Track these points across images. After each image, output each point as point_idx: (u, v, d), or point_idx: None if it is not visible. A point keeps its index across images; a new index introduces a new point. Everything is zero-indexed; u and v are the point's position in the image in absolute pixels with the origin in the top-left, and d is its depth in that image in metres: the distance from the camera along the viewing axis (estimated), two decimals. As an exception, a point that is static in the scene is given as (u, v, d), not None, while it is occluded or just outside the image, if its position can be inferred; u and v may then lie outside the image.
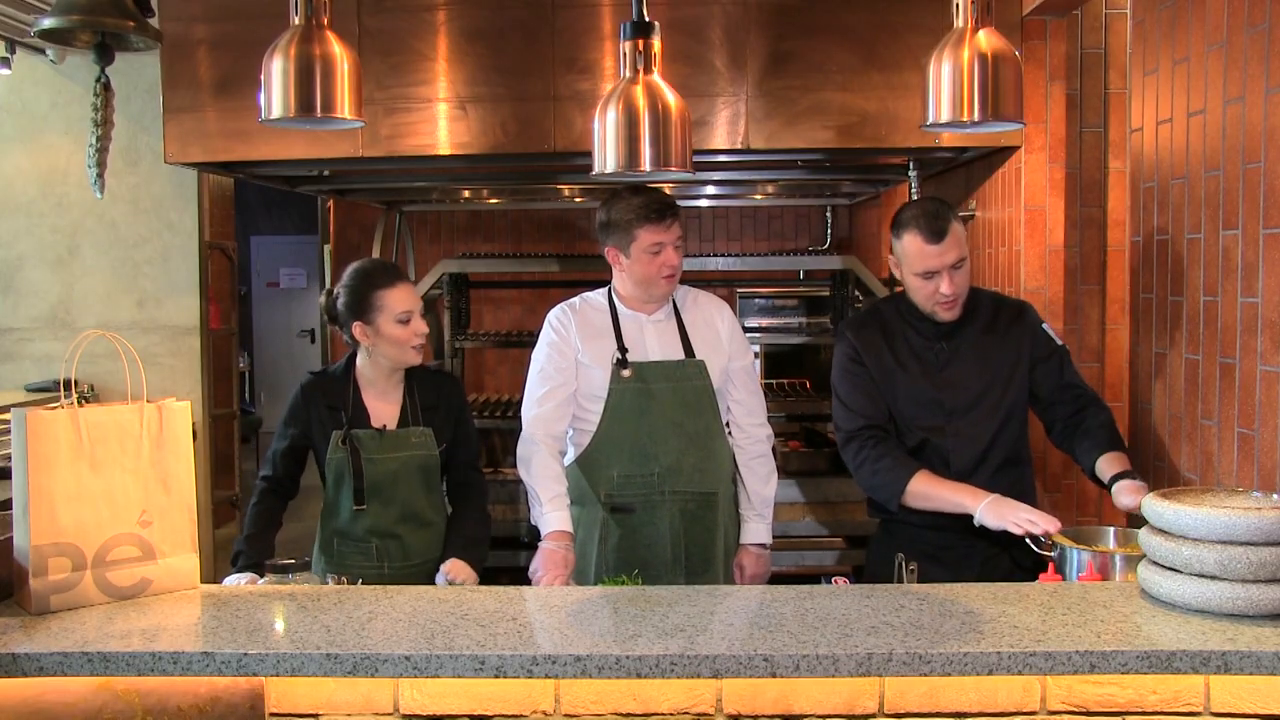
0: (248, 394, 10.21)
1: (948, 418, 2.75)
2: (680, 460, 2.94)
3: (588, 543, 2.97)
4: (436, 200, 5.83)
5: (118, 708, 1.90)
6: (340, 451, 2.78)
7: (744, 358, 3.09)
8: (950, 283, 2.67)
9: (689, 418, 2.96)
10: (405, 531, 2.82)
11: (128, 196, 4.91)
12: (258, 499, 2.85)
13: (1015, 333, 2.79)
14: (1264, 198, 2.41)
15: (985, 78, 2.25)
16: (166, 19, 3.69)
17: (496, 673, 1.81)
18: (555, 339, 2.99)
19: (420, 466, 2.83)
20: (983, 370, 2.76)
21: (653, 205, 2.88)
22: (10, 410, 2.16)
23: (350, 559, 2.80)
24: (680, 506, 2.95)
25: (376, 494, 2.79)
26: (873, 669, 1.80)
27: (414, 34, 3.67)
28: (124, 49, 3.10)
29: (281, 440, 2.86)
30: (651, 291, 2.97)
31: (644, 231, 2.88)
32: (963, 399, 2.75)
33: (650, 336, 2.99)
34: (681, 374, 2.96)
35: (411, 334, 2.78)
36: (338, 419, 2.80)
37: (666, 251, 2.90)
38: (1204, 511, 1.95)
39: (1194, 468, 2.77)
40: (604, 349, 2.96)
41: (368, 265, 2.88)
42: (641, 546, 2.95)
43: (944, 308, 2.72)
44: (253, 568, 2.62)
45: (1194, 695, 1.89)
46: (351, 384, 2.85)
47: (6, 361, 5.03)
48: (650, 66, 2.44)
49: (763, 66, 3.63)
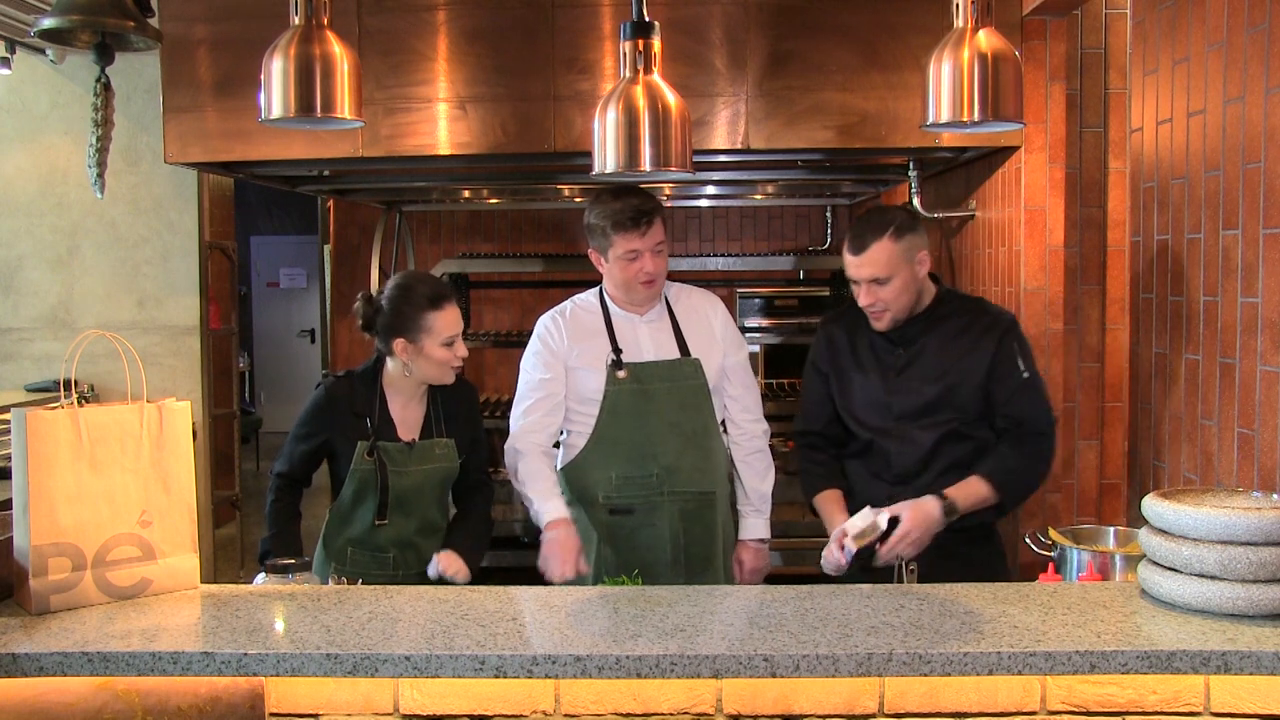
0: (248, 394, 10.22)
1: (894, 421, 2.75)
2: (679, 460, 2.93)
3: (586, 545, 2.95)
4: (436, 200, 5.83)
5: (118, 708, 1.90)
6: (367, 464, 2.74)
7: (739, 353, 3.08)
8: (868, 294, 2.69)
9: (686, 417, 2.95)
10: (421, 540, 2.81)
11: (128, 196, 4.91)
12: (275, 495, 2.81)
13: (983, 344, 2.72)
14: (1264, 198, 2.41)
15: (985, 78, 2.25)
16: (166, 19, 3.68)
17: (496, 673, 1.81)
18: (541, 348, 2.97)
19: (443, 479, 2.83)
20: (937, 379, 2.73)
21: (627, 212, 2.84)
22: (10, 410, 2.16)
23: (365, 567, 2.77)
24: (680, 507, 2.94)
25: (399, 507, 2.77)
26: (873, 669, 1.80)
27: (414, 34, 3.67)
28: (124, 49, 3.10)
29: (302, 441, 2.80)
30: (631, 296, 2.96)
31: (619, 238, 2.86)
32: (911, 405, 2.74)
33: (644, 336, 2.98)
34: (678, 373, 2.95)
35: (454, 356, 2.76)
36: (362, 428, 2.76)
37: (643, 258, 2.87)
38: (1204, 511, 1.95)
39: (1194, 468, 2.77)
40: (598, 351, 2.94)
41: (413, 280, 2.82)
42: (642, 548, 2.94)
43: (872, 316, 2.74)
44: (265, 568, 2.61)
45: (1194, 695, 1.89)
46: (378, 392, 2.81)
47: (6, 361, 5.04)
48: (650, 66, 2.44)
49: (763, 66, 3.63)
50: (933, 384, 2.73)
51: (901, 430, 2.74)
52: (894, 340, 2.78)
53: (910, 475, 2.71)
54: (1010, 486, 2.68)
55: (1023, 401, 2.71)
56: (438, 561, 2.70)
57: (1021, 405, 2.71)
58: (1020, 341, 2.76)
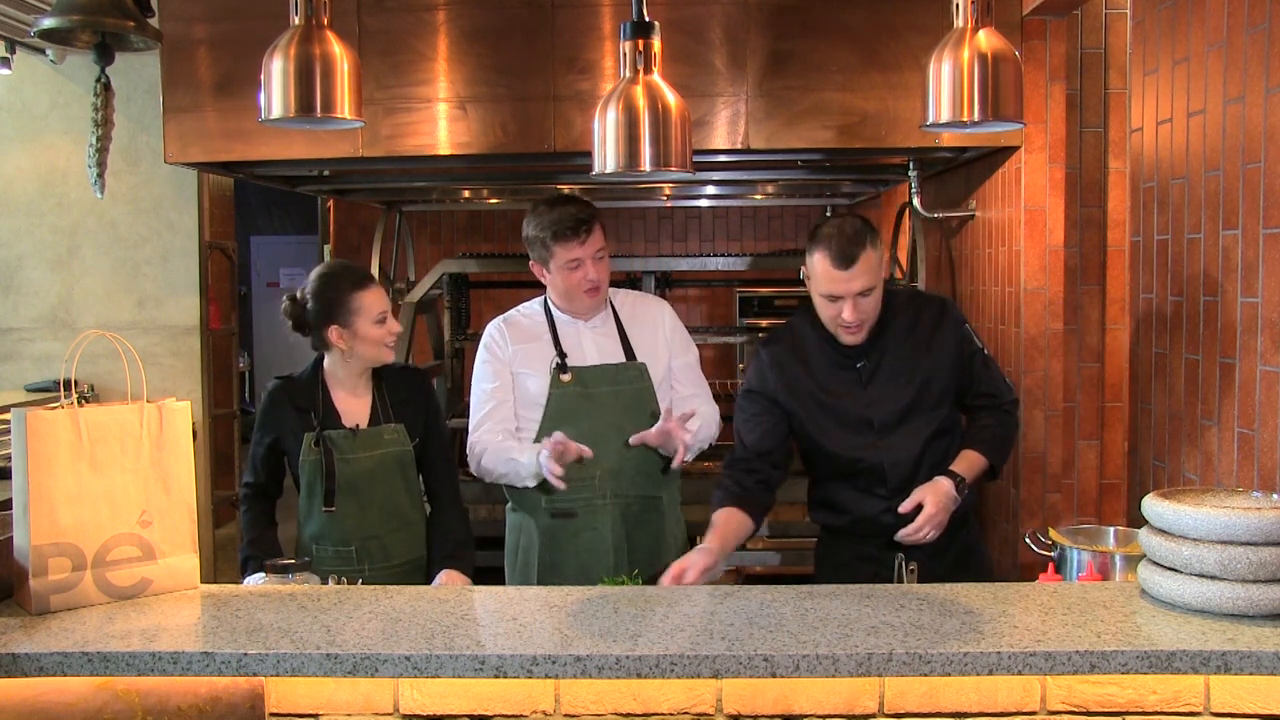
0: (248, 394, 10.20)
1: (878, 435, 2.69)
2: (621, 464, 2.94)
3: (530, 549, 2.98)
4: (436, 200, 5.84)
5: (118, 708, 1.90)
6: (314, 454, 2.77)
7: (687, 354, 3.09)
8: (854, 310, 2.59)
9: (630, 420, 2.94)
10: (386, 532, 2.81)
11: (128, 196, 4.91)
12: (246, 505, 2.86)
13: (941, 334, 2.73)
14: (1264, 198, 2.41)
15: (985, 78, 2.25)
16: (166, 19, 3.68)
17: (496, 673, 1.81)
18: (489, 356, 3.01)
19: (397, 463, 2.83)
20: (909, 380, 2.69)
21: (566, 222, 2.85)
22: (10, 410, 2.16)
23: (328, 563, 2.77)
24: (622, 510, 2.95)
25: (353, 494, 2.78)
26: (873, 669, 1.81)
27: (414, 34, 3.67)
28: (124, 49, 3.10)
29: (257, 446, 2.86)
30: (575, 305, 2.98)
31: (559, 248, 2.88)
32: (891, 413, 2.68)
33: (588, 341, 3.00)
34: (622, 377, 2.97)
35: (387, 333, 2.80)
36: (308, 421, 2.79)
37: (585, 266, 2.89)
38: (1204, 511, 1.95)
39: (1194, 468, 2.77)
40: (542, 356, 2.97)
41: (335, 268, 2.89)
42: (583, 551, 2.94)
43: (847, 333, 2.65)
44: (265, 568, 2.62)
45: (1194, 695, 1.89)
46: (320, 385, 2.85)
47: (6, 361, 5.03)
48: (650, 66, 2.44)
49: (763, 66, 3.63)
50: (905, 385, 2.69)
51: (888, 443, 2.68)
52: (849, 353, 2.70)
53: (906, 483, 2.64)
54: (1000, 453, 2.75)
55: (990, 376, 2.78)
56: (440, 582, 2.71)
57: (992, 380, 2.78)
58: (964, 320, 2.81)
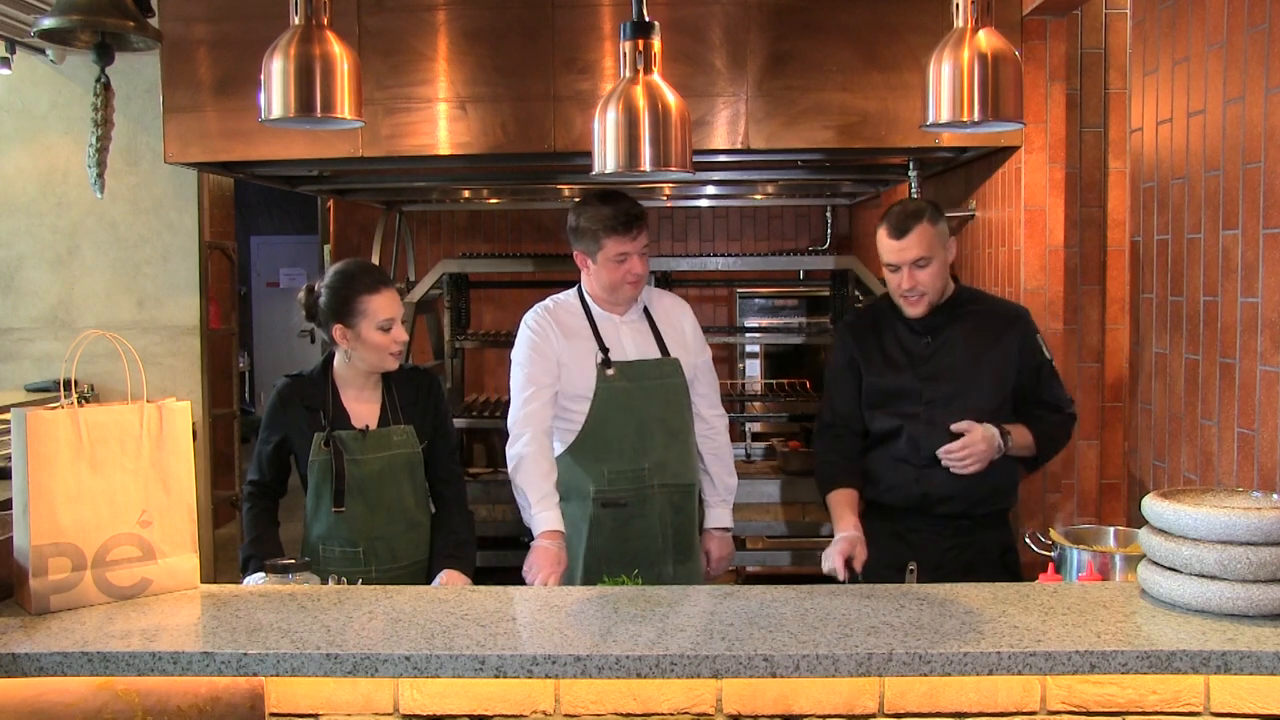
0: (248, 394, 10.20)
1: (924, 407, 2.85)
2: (666, 455, 3.07)
3: (575, 537, 3.02)
4: (436, 200, 5.83)
5: (118, 708, 1.90)
6: (323, 454, 2.76)
7: (704, 354, 3.26)
8: (910, 278, 2.79)
9: (671, 414, 3.09)
10: (393, 533, 2.81)
11: (128, 196, 4.91)
12: (249, 503, 2.84)
13: (1007, 339, 2.89)
14: (1264, 198, 2.41)
15: (985, 78, 2.25)
16: (166, 19, 3.68)
17: (496, 673, 1.81)
18: (536, 340, 3.07)
19: (406, 465, 2.82)
20: (964, 369, 2.85)
21: (620, 217, 2.97)
22: (10, 410, 2.16)
23: (335, 564, 2.76)
24: (668, 499, 3.08)
25: (361, 495, 2.77)
26: (873, 669, 1.81)
27: (414, 34, 3.67)
28: (124, 49, 3.10)
29: (265, 444, 2.84)
30: (616, 296, 3.08)
31: (610, 241, 2.98)
32: (941, 393, 2.84)
33: (626, 337, 3.11)
34: (661, 372, 3.09)
35: (391, 341, 2.77)
36: (317, 421, 2.78)
37: (631, 260, 3.01)
38: (1204, 511, 1.95)
39: (1194, 468, 2.77)
40: (585, 349, 3.06)
41: (353, 267, 2.84)
42: (634, 538, 3.05)
43: (907, 302, 2.84)
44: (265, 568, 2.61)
45: (1194, 695, 1.89)
46: (329, 385, 2.83)
47: (6, 361, 5.03)
48: (650, 66, 2.44)
49: (763, 66, 3.63)
50: (961, 372, 2.85)
51: (930, 416, 2.83)
52: (919, 330, 2.89)
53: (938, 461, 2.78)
54: (1049, 446, 2.89)
55: (1055, 388, 2.92)
56: (440, 582, 2.71)
57: (1054, 389, 2.92)
58: (1037, 331, 2.95)
